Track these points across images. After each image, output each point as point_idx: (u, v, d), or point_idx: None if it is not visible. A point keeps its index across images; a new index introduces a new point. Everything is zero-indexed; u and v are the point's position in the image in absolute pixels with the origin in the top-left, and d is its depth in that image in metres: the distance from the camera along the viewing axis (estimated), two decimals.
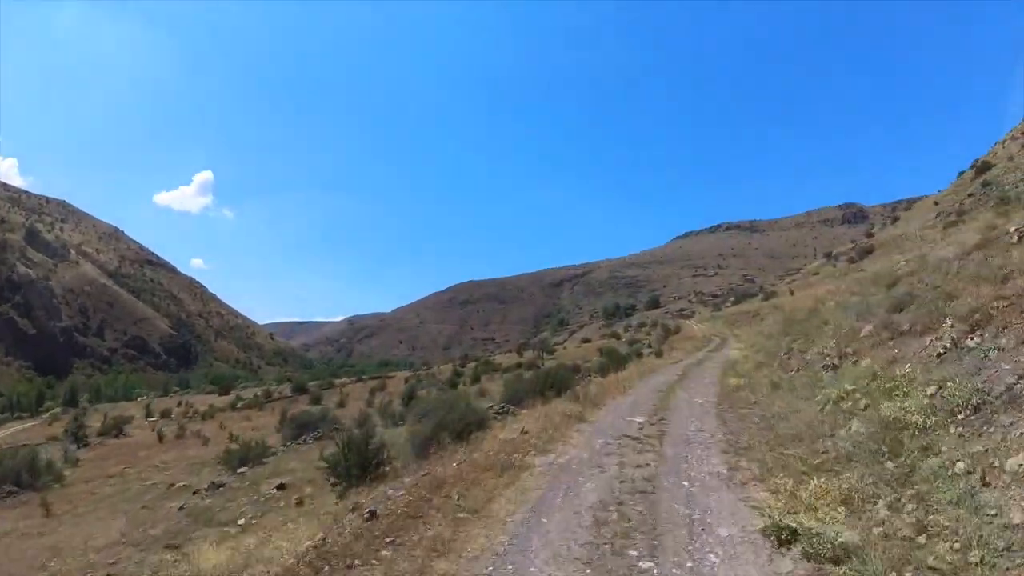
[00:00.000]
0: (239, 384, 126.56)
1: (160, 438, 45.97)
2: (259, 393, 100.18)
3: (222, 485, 21.07)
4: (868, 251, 62.66)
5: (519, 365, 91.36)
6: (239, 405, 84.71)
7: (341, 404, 77.72)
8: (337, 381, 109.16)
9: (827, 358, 13.32)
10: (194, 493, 21.89)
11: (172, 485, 27.10)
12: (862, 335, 12.60)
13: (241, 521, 16.78)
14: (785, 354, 17.31)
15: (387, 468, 16.47)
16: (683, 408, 12.40)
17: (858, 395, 9.51)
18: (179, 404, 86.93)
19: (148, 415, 73.45)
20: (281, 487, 19.26)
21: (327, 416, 37.51)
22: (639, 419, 11.06)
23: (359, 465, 15.80)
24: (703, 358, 25.77)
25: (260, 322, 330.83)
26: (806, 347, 16.12)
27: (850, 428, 8.56)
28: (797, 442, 8.64)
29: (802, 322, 20.85)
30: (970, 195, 57.59)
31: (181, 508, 20.40)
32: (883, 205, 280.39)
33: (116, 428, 50.30)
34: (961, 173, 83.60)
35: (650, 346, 75.97)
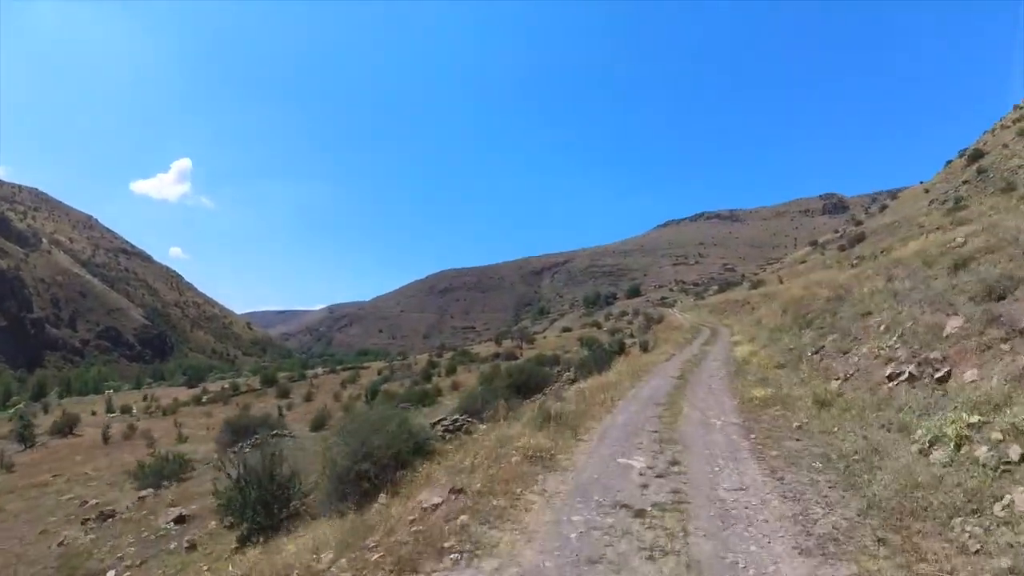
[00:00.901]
0: (213, 376, 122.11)
1: (105, 439, 41.71)
2: (226, 386, 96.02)
3: (111, 516, 17.00)
4: (859, 239, 60.06)
5: (497, 355, 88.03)
6: (204, 399, 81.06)
7: (308, 398, 74.29)
8: (309, 372, 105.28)
9: (893, 363, 9.65)
10: (83, 523, 17.81)
11: (85, 503, 23.08)
12: (947, 333, 8.93)
13: (111, 574, 12.84)
14: (814, 353, 13.70)
15: (301, 505, 12.66)
16: (698, 438, 8.68)
17: (998, 434, 5.83)
18: (145, 398, 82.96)
19: (109, 410, 69.77)
20: (180, 519, 15.28)
21: (268, 420, 33.46)
22: (638, 462, 7.30)
23: (262, 503, 11.92)
24: (699, 354, 22.16)
25: (239, 311, 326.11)
26: (846, 345, 12.50)
27: (1013, 503, 4.88)
28: (922, 520, 4.94)
29: (821, 312, 17.31)
30: (965, 182, 56.04)
31: (61, 544, 16.37)
32: (863, 196, 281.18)
33: (67, 426, 45.63)
34: (949, 162, 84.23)
35: (632, 336, 72.50)
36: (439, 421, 15.46)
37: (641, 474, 6.84)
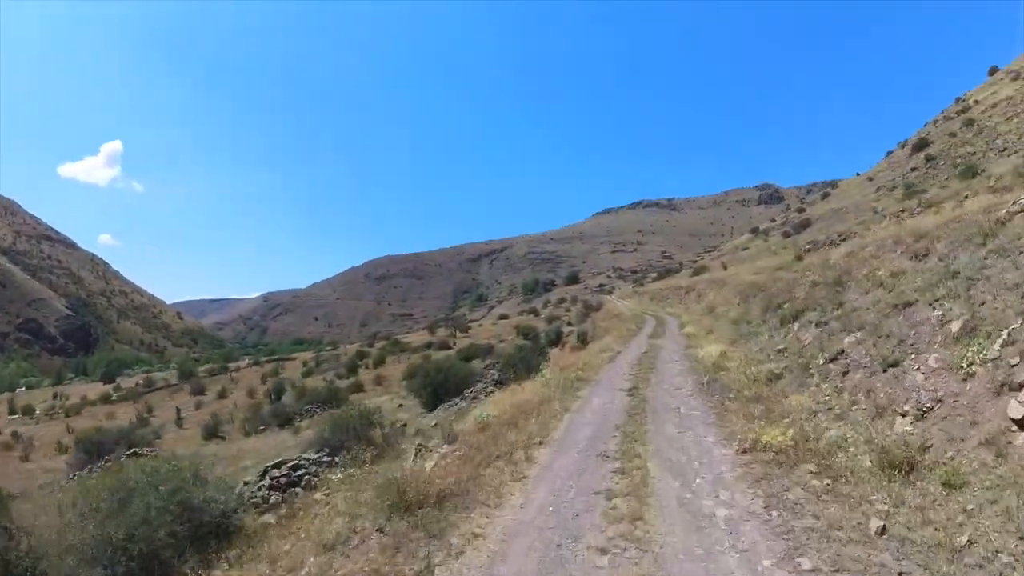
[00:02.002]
0: (137, 369, 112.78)
1: None
2: (140, 382, 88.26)
3: None
4: (805, 224, 57.96)
5: (429, 345, 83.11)
6: (114, 397, 74.25)
7: (223, 394, 67.75)
8: (232, 365, 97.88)
9: (1018, 392, 5.19)
10: None
11: None
12: None
13: None
14: (829, 360, 9.29)
15: None
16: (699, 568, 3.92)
17: None
18: (55, 396, 77.37)
19: (12, 411, 64.60)
20: None
21: (131, 434, 27.57)
22: None
23: None
24: (649, 351, 17.73)
25: (172, 300, 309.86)
26: (887, 351, 8.07)
27: None
28: None
29: (811, 301, 13.08)
30: (913, 169, 55.14)
31: None
32: (799, 187, 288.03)
33: None
34: (890, 153, 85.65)
35: (570, 323, 68.82)
36: (279, 465, 10.32)
37: None
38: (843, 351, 9.25)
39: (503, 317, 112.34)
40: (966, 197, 26.77)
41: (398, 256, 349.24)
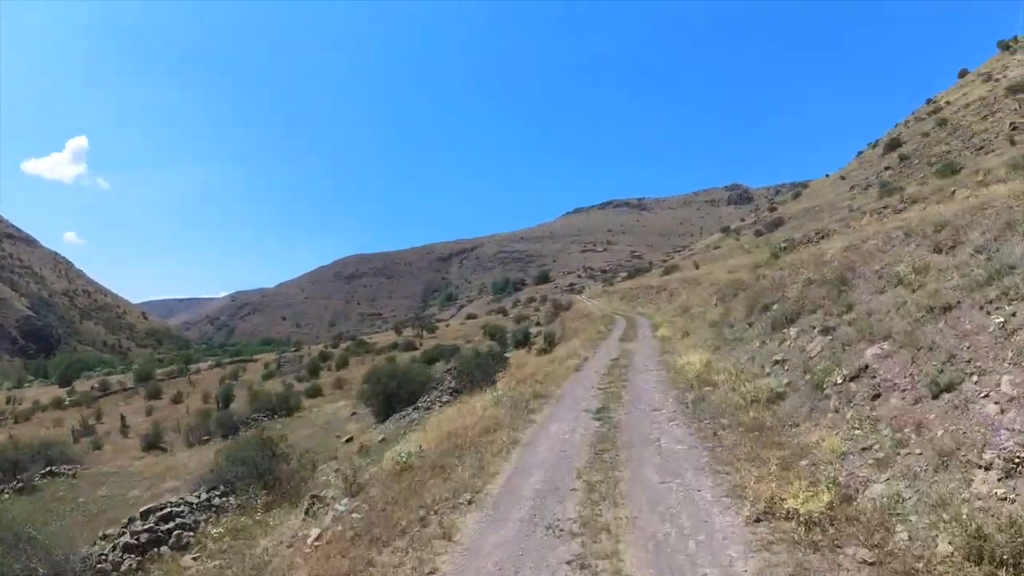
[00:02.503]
0: (99, 371, 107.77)
1: None
2: (95, 386, 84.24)
3: None
4: (777, 223, 56.89)
5: (395, 345, 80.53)
6: (67, 402, 70.43)
7: (178, 399, 64.22)
8: (192, 367, 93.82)
9: None
10: None
11: None
12: None
13: None
14: (850, 379, 7.31)
15: None
16: None
17: None
18: (8, 401, 72.55)
19: None
20: None
21: (50, 450, 24.60)
22: None
23: None
24: (620, 357, 15.75)
25: (140, 300, 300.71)
26: (933, 370, 6.07)
27: None
28: None
29: (808, 301, 11.19)
30: (887, 168, 54.80)
31: None
32: (767, 187, 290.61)
33: None
34: (860, 153, 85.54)
35: (539, 323, 66.80)
36: (148, 514, 7.96)
37: None
38: (867, 367, 7.26)
39: (471, 317, 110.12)
40: (953, 192, 25.46)
41: (368, 255, 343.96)
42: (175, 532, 7.46)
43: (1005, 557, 3.66)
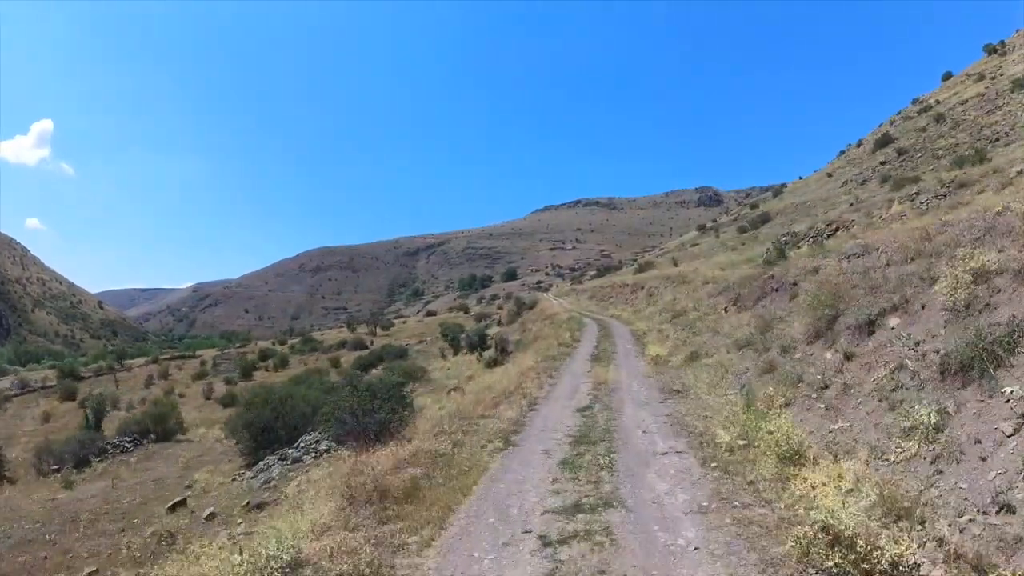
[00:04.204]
0: (45, 363, 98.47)
1: None
2: (14, 382, 75.46)
3: None
4: (763, 219, 52.07)
5: (344, 344, 73.78)
6: None
7: (84, 403, 56.78)
8: (127, 363, 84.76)
9: None
10: None
11: None
12: None
13: None
14: None
15: None
16: None
17: None
18: None
19: None
20: None
21: None
22: None
23: None
24: (596, 411, 9.34)
25: (101, 289, 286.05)
26: None
27: None
28: None
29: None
30: (883, 163, 52.48)
31: None
32: (737, 191, 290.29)
33: None
34: (842, 152, 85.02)
35: (500, 323, 60.85)
36: None
37: None
38: None
39: (430, 314, 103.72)
40: (1020, 173, 20.26)
41: (333, 248, 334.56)
42: None
43: None
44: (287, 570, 4.49)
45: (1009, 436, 4.29)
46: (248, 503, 10.33)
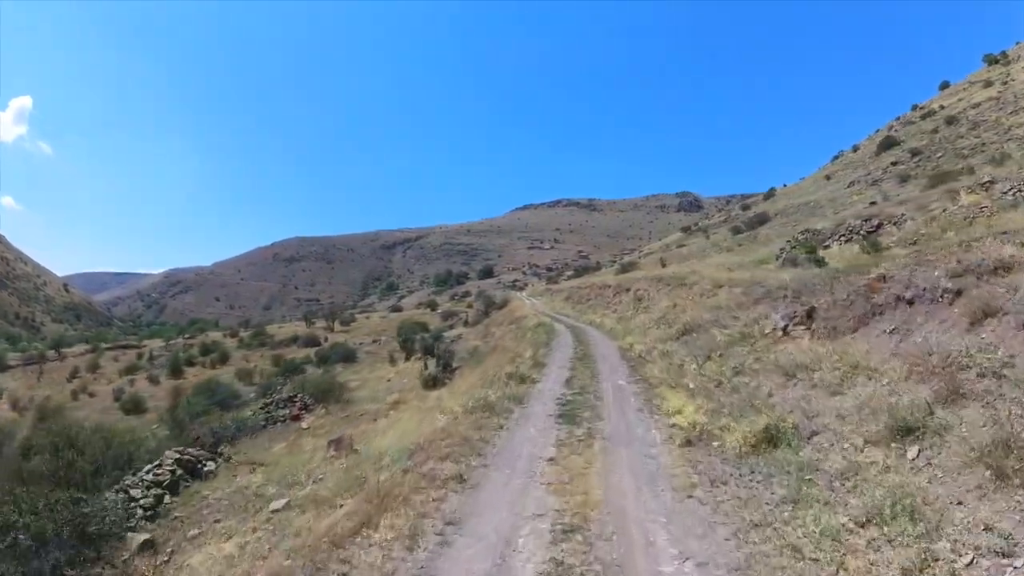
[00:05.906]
0: None
1: None
2: None
3: None
4: (761, 220, 47.41)
5: (296, 339, 67.71)
6: None
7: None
8: (64, 351, 76.96)
9: None
10: None
11: None
12: None
13: None
14: None
15: None
16: None
17: None
18: None
19: None
20: None
21: None
22: None
23: None
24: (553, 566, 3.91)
25: (73, 272, 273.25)
26: None
27: None
28: None
29: None
30: (895, 163, 49.78)
31: None
32: (718, 197, 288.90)
33: None
34: (835, 157, 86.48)
35: (467, 323, 55.64)
36: None
37: None
38: None
39: (397, 310, 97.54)
40: None
41: (309, 238, 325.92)
42: None
43: None
44: None
45: None
46: None
